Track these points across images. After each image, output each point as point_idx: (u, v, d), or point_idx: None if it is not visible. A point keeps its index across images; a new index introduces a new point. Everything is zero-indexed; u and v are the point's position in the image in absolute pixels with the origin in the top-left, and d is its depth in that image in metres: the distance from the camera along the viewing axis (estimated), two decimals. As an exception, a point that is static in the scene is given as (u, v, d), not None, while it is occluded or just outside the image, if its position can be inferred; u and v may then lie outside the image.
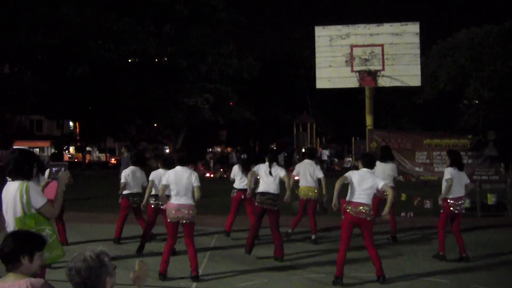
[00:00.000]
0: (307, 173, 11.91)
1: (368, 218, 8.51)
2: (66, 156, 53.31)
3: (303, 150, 21.42)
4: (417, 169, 15.36)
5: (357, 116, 35.23)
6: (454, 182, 9.89)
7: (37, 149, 56.66)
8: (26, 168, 5.59)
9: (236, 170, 12.14)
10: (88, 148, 57.34)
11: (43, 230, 5.40)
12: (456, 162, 10.17)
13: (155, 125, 50.72)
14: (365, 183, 8.54)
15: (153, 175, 10.67)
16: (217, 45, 39.74)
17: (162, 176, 9.68)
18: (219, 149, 71.26)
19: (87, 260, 3.32)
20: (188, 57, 38.27)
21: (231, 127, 56.60)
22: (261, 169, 10.41)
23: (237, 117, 42.44)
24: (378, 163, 12.01)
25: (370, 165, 8.82)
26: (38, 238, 3.94)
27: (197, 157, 37.64)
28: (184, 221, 8.79)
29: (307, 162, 12.13)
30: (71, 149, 61.36)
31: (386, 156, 12.17)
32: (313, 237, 11.84)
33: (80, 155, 53.81)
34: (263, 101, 54.62)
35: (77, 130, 55.09)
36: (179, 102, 39.05)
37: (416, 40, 15.95)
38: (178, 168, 9.03)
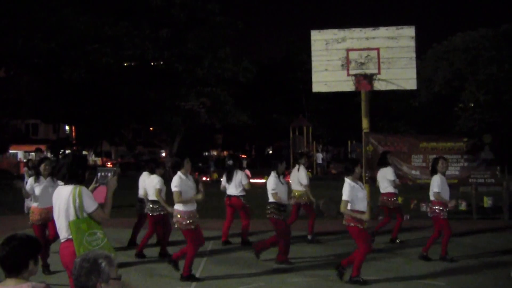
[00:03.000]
0: (295, 178, 12.31)
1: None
2: (62, 160, 53.22)
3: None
4: (413, 172, 15.39)
5: (353, 119, 35.26)
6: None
7: (33, 153, 56.57)
8: (79, 172, 5.74)
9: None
10: (84, 152, 57.26)
11: (94, 234, 5.53)
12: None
13: (151, 129, 50.72)
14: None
15: (161, 183, 10.70)
16: (213, 49, 39.72)
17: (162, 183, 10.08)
18: (215, 153, 71.34)
19: (84, 260, 3.34)
20: (185, 61, 38.25)
21: (227, 130, 56.66)
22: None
23: (233, 121, 42.44)
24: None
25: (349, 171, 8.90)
26: (36, 240, 3.97)
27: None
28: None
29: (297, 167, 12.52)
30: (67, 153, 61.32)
31: (382, 161, 12.50)
32: (309, 237, 12.17)
33: (76, 159, 53.67)
34: (259, 104, 54.65)
35: (73, 134, 55.06)
36: (176, 106, 39.03)
37: (412, 43, 15.98)
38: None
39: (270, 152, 63.22)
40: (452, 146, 15.65)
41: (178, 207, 8.88)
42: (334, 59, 16.16)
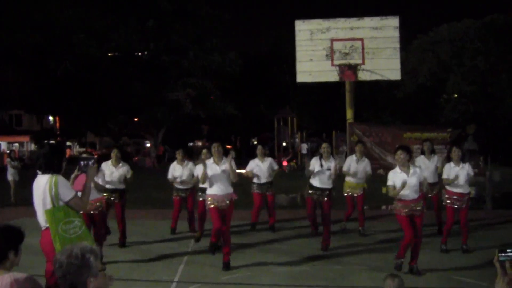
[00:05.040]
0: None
1: None
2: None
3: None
4: (398, 162, 15.44)
5: (338, 110, 35.30)
6: None
7: (17, 144, 56.15)
8: (55, 162, 5.74)
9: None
10: (68, 143, 56.85)
11: (72, 222, 5.56)
12: None
13: (136, 119, 50.53)
14: None
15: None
16: (199, 41, 39.65)
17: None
18: (200, 144, 71.29)
19: (71, 256, 3.29)
20: (171, 53, 38.14)
21: (213, 122, 56.52)
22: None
23: (219, 112, 42.41)
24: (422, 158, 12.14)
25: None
26: (18, 230, 3.91)
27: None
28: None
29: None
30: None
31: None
32: (360, 229, 12.12)
33: (60, 150, 53.22)
34: (245, 96, 54.56)
35: (57, 124, 54.69)
36: (161, 97, 38.94)
37: (396, 34, 16.03)
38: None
39: (255, 143, 63.18)
40: (436, 137, 15.72)
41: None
42: (318, 49, 16.20)
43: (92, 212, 9.35)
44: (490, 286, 6.78)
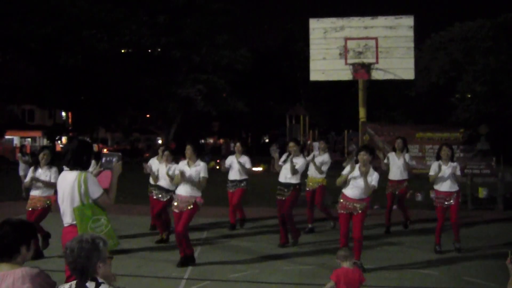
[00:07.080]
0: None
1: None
2: (58, 146, 52.93)
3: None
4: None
5: (350, 108, 35.21)
6: None
7: (29, 139, 56.44)
8: (84, 158, 5.66)
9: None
10: (80, 138, 57.11)
11: (98, 220, 5.49)
12: None
13: (148, 115, 50.62)
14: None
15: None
16: (210, 36, 39.63)
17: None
18: (211, 141, 71.35)
19: (82, 241, 3.37)
20: (182, 48, 38.13)
21: (223, 118, 56.53)
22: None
23: (230, 108, 42.38)
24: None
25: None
26: (31, 226, 3.93)
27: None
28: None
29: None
30: (64, 139, 61.14)
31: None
32: (309, 226, 12.04)
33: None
34: (256, 92, 54.48)
35: (69, 120, 54.90)
36: (172, 93, 38.94)
37: (410, 33, 15.97)
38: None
39: (267, 140, 63.14)
40: (448, 137, 15.65)
41: None
42: (332, 48, 16.17)
43: (38, 207, 9.64)
44: (501, 287, 6.76)
